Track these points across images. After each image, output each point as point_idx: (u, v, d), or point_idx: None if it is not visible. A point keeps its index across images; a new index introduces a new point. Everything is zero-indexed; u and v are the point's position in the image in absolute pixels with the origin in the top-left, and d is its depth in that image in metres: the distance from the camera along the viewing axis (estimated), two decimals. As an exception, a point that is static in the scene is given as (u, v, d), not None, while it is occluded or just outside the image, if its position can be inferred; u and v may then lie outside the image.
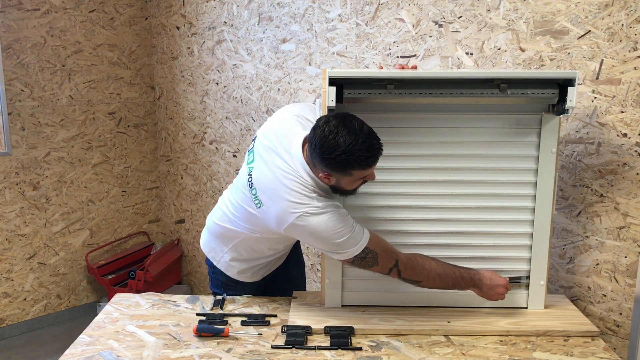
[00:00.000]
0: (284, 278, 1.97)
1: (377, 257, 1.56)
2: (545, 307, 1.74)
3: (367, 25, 2.37)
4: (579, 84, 1.77)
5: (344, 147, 1.42)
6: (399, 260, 1.58)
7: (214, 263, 1.87)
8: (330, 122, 1.45)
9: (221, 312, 1.75)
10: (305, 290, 2.10)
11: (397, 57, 2.28)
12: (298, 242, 2.06)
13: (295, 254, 2.01)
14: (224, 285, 1.90)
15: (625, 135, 1.72)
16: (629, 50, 1.68)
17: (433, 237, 1.72)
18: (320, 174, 1.51)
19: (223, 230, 1.79)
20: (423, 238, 1.72)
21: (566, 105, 1.55)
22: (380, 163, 1.68)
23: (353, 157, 1.43)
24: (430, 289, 1.65)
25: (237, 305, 1.81)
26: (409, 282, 1.62)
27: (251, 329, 1.63)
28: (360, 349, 1.53)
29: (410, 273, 1.59)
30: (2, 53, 2.96)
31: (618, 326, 1.80)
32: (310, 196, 1.53)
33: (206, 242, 1.89)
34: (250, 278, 1.87)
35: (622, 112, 1.72)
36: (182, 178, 3.53)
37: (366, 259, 1.56)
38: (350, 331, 1.60)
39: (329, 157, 1.44)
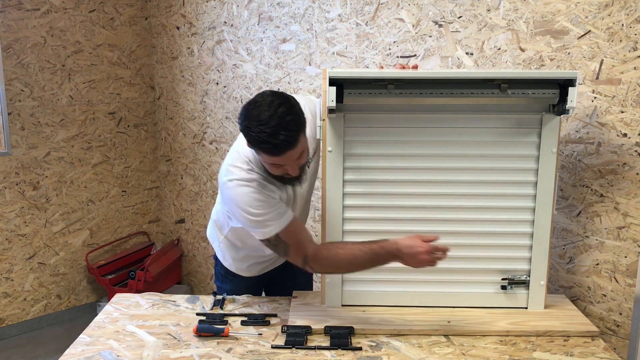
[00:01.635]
0: (290, 283, 1.97)
1: (288, 248, 1.55)
2: (545, 307, 1.74)
3: (367, 25, 2.37)
4: (579, 84, 1.77)
5: (249, 121, 1.43)
6: (307, 257, 1.55)
7: (215, 252, 1.92)
8: (265, 95, 1.45)
9: (221, 312, 1.75)
10: None
11: (397, 57, 2.28)
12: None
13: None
14: (222, 277, 1.93)
15: (625, 135, 1.72)
16: (629, 50, 1.68)
17: (433, 237, 1.72)
18: (248, 145, 1.52)
19: (217, 217, 1.85)
20: (423, 238, 1.72)
21: (566, 106, 1.55)
22: (380, 163, 1.68)
23: (252, 136, 1.43)
24: (352, 272, 1.65)
25: (237, 305, 1.81)
26: (327, 273, 1.66)
27: (251, 329, 1.63)
28: (360, 349, 1.53)
29: (320, 268, 1.58)
30: (2, 53, 2.96)
31: (618, 326, 1.80)
32: (243, 168, 1.55)
33: (209, 231, 1.95)
34: (246, 272, 1.89)
35: (622, 112, 1.72)
36: (182, 178, 3.53)
37: (277, 247, 1.56)
38: (350, 331, 1.60)
39: (240, 122, 1.47)
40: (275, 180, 1.58)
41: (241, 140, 1.61)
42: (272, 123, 1.40)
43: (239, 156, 1.59)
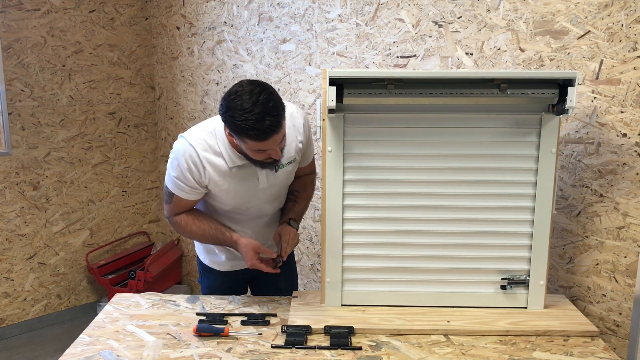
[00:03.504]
0: (272, 289, 1.98)
1: (169, 203, 1.76)
2: (545, 307, 1.74)
3: (367, 26, 2.37)
4: (578, 84, 1.77)
5: (233, 111, 1.48)
6: (170, 217, 1.79)
7: (195, 247, 1.99)
8: (244, 85, 1.51)
9: (221, 311, 1.75)
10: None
11: (397, 57, 2.28)
12: (291, 255, 2.06)
13: (285, 267, 2.01)
14: (202, 273, 1.99)
15: (625, 135, 1.73)
16: (629, 50, 1.69)
17: (433, 237, 1.73)
18: (226, 130, 1.60)
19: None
20: (423, 237, 1.72)
21: (566, 105, 1.55)
22: (380, 163, 1.69)
23: (238, 124, 1.49)
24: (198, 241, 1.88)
25: (237, 305, 1.81)
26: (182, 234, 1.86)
27: (251, 329, 1.64)
28: (360, 348, 1.53)
29: (175, 229, 1.81)
30: (3, 53, 2.97)
31: (618, 326, 1.80)
32: (198, 132, 1.68)
33: None
34: (219, 266, 1.93)
35: (622, 112, 1.72)
36: (182, 178, 3.52)
37: (165, 196, 1.77)
38: (350, 331, 1.60)
39: (223, 113, 1.52)
40: (254, 164, 1.66)
41: (216, 119, 1.69)
42: (256, 110, 1.46)
43: (200, 124, 1.72)
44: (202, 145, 1.65)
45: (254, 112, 1.46)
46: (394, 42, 2.29)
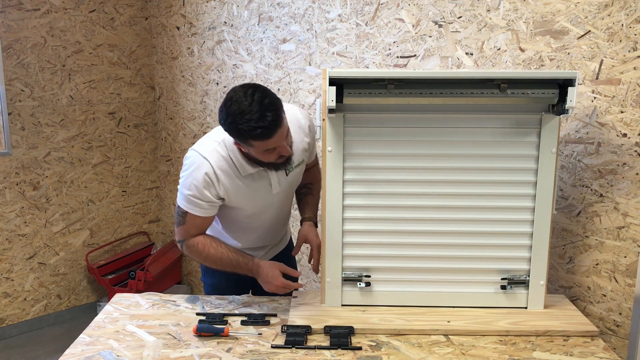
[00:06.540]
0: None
1: (181, 225, 1.70)
2: (545, 307, 1.74)
3: (367, 25, 2.37)
4: (578, 84, 1.77)
5: (233, 117, 1.49)
6: (186, 240, 1.72)
7: None
8: (237, 90, 1.51)
9: (221, 311, 1.75)
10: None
11: (397, 57, 2.28)
12: (289, 257, 2.05)
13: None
14: (205, 272, 1.97)
15: (625, 135, 1.73)
16: (629, 50, 1.69)
17: (433, 237, 1.73)
18: (234, 142, 1.59)
19: None
20: (423, 237, 1.72)
21: (566, 105, 1.55)
22: (380, 163, 1.69)
23: (241, 128, 1.49)
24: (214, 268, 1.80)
25: (237, 305, 1.81)
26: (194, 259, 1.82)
27: (251, 329, 1.64)
28: (360, 348, 1.53)
29: (189, 253, 1.75)
30: (2, 53, 2.97)
31: (618, 326, 1.80)
32: (209, 143, 1.65)
33: None
34: None
35: (622, 112, 1.72)
36: (182, 178, 3.53)
37: (176, 217, 1.71)
38: (350, 331, 1.60)
39: (224, 123, 1.53)
40: (267, 167, 1.66)
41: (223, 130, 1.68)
42: (254, 109, 1.47)
43: (209, 134, 1.71)
44: (215, 157, 1.63)
45: (253, 112, 1.47)
46: (394, 42, 2.29)
